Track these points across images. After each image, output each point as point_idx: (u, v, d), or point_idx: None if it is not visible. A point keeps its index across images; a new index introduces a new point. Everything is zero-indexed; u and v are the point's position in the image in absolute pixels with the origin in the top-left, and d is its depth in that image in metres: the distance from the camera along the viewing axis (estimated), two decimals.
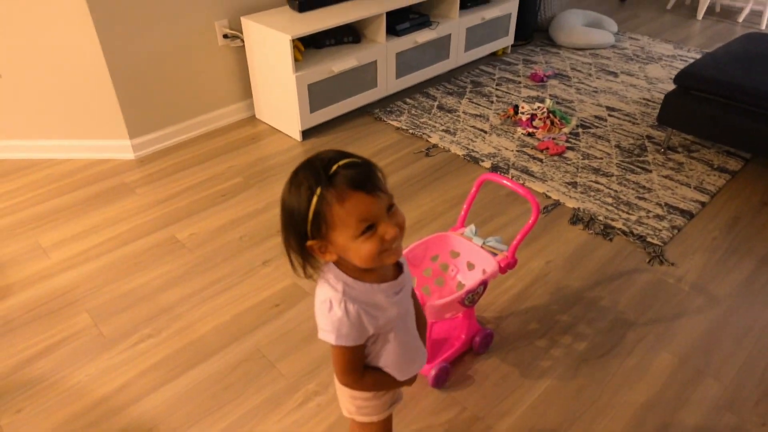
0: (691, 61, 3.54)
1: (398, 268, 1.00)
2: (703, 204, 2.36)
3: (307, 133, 2.91)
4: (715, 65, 2.58)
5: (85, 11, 2.35)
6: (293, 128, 2.88)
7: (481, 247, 1.64)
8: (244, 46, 2.90)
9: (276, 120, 2.98)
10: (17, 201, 2.44)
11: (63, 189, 2.51)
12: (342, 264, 0.92)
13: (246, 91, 3.06)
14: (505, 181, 1.60)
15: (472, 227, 1.69)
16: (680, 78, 2.58)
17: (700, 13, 4.45)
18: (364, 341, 0.95)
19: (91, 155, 2.74)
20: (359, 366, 1.00)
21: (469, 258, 1.68)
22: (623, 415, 1.56)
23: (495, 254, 1.62)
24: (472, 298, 1.54)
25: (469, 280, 1.68)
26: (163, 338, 1.78)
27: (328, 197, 0.81)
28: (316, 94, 2.81)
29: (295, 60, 2.70)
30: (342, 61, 2.84)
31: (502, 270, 1.60)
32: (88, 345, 1.77)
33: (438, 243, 1.69)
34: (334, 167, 0.82)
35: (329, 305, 0.90)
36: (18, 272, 2.05)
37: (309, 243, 0.87)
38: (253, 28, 2.76)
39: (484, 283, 1.55)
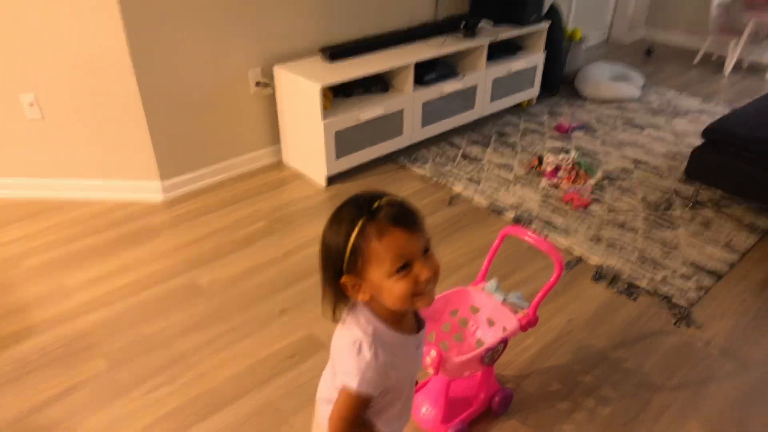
0: (719, 116, 3.50)
1: (418, 323, 0.99)
2: (732, 264, 2.29)
3: (332, 179, 2.95)
4: (745, 121, 2.55)
5: (125, 52, 2.44)
6: (319, 174, 2.91)
7: (502, 303, 1.61)
8: (274, 93, 2.98)
9: (302, 165, 3.03)
10: (45, 241, 2.50)
11: (91, 230, 2.57)
12: (373, 308, 0.92)
13: (274, 137, 3.13)
14: (527, 237, 1.59)
15: (494, 282, 1.67)
16: (709, 132, 2.56)
17: (727, 69, 4.43)
18: (384, 391, 0.94)
19: (121, 195, 2.81)
20: (360, 420, 0.96)
21: (489, 314, 1.65)
22: None
23: (516, 311, 1.59)
24: (492, 356, 1.50)
25: (489, 337, 1.64)
26: (177, 387, 1.77)
27: (368, 230, 0.83)
28: (343, 141, 2.86)
29: (324, 108, 2.76)
30: (369, 110, 2.89)
31: (523, 328, 1.56)
32: (102, 391, 1.76)
33: (458, 297, 1.67)
34: (378, 203, 0.85)
35: (359, 347, 0.89)
36: (41, 313, 2.08)
37: (344, 279, 0.87)
38: (284, 77, 2.84)
39: (504, 341, 1.51)
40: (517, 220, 2.60)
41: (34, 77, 2.55)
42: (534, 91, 3.80)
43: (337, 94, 3.01)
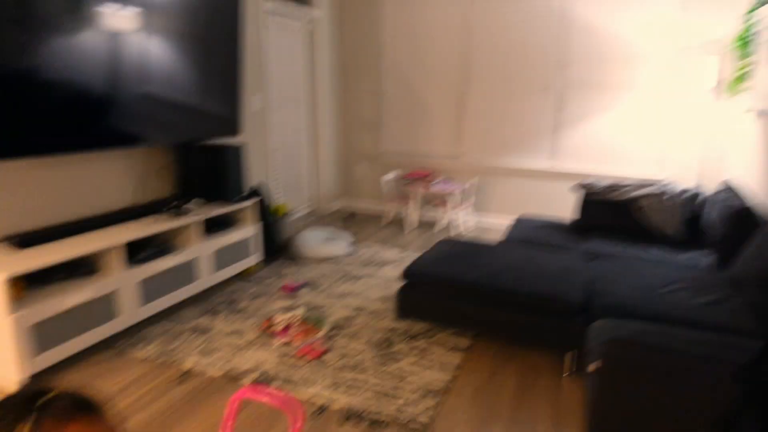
0: None
1: None
2: (448, 381, 2.60)
3: (38, 377, 2.47)
4: (429, 263, 3.08)
5: None
6: (10, 378, 2.42)
7: None
8: None
9: None
10: None
11: None
12: None
13: None
14: (261, 397, 1.56)
15: None
16: (405, 275, 3.00)
17: (407, 227, 5.38)
18: None
19: None
20: None
21: None
22: None
23: None
24: None
25: None
26: None
27: (45, 426, 0.71)
28: (45, 333, 2.48)
29: (16, 299, 2.39)
30: (76, 295, 2.61)
31: None
32: None
33: None
34: (43, 398, 0.74)
35: None
36: None
37: None
38: None
39: None
40: (257, 383, 2.54)
41: None
42: (256, 258, 3.97)
43: (32, 283, 2.65)
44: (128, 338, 2.92)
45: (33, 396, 0.75)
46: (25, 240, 2.64)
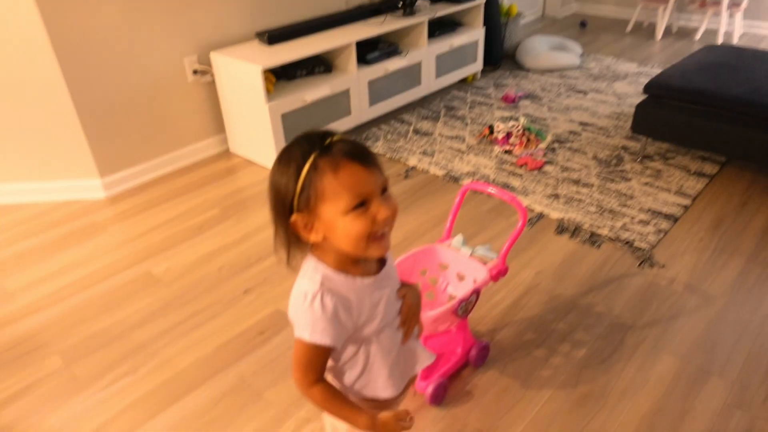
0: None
1: (381, 263, 0.92)
2: (685, 207, 2.36)
3: None
4: (682, 74, 2.64)
5: (46, 42, 2.29)
6: (268, 159, 2.83)
7: (470, 256, 1.59)
8: (214, 81, 2.88)
9: (251, 152, 2.94)
10: None
11: (30, 231, 2.40)
12: (325, 253, 0.86)
13: (218, 126, 3.02)
14: (489, 190, 1.57)
15: (460, 237, 1.65)
16: (650, 87, 2.63)
17: (659, 35, 4.61)
18: (339, 343, 0.87)
19: (58, 196, 2.64)
20: (320, 370, 0.88)
21: (458, 269, 1.63)
22: (630, 422, 1.49)
23: (485, 263, 1.57)
24: (465, 307, 1.48)
25: (460, 291, 1.62)
26: (140, 375, 1.66)
27: (321, 165, 0.77)
28: (290, 124, 2.78)
29: (267, 92, 2.68)
30: (314, 91, 2.83)
31: (494, 278, 1.54)
32: (60, 388, 1.64)
33: (426, 256, 1.64)
34: (330, 139, 0.80)
35: (305, 298, 0.83)
36: None
37: (294, 217, 0.81)
38: (222, 62, 2.74)
39: (476, 292, 1.49)
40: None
41: None
42: (477, 66, 3.83)
43: (279, 78, 2.93)
44: (360, 135, 3.15)
45: (322, 135, 0.80)
46: (274, 36, 2.85)
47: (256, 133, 2.80)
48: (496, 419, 1.51)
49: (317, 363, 0.87)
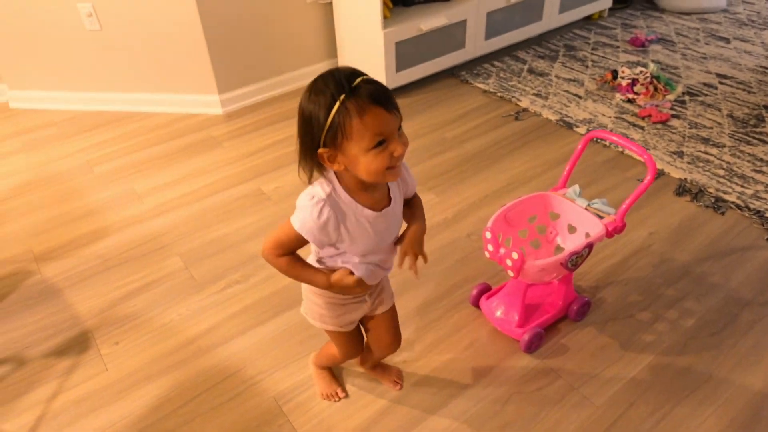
0: None
1: (388, 201, 1.03)
2: None
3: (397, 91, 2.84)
4: None
5: None
6: None
7: (585, 209, 1.52)
8: (331, 3, 2.85)
9: None
10: (112, 150, 2.52)
11: (154, 140, 2.58)
12: (343, 178, 0.97)
13: (332, 51, 3.02)
14: (616, 138, 1.48)
15: (576, 188, 1.58)
16: None
17: None
18: (319, 246, 1.02)
19: (180, 109, 2.79)
20: (290, 250, 1.02)
21: (570, 220, 1.57)
22: (737, 400, 1.42)
23: (600, 217, 1.50)
24: (575, 261, 1.43)
25: (569, 243, 1.57)
26: (251, 284, 1.79)
27: (349, 107, 0.85)
28: (403, 53, 2.73)
29: (384, 17, 2.62)
30: (431, 19, 2.73)
31: (609, 234, 1.48)
32: (180, 287, 1.80)
33: (537, 203, 1.59)
34: (357, 80, 0.86)
35: (311, 198, 0.95)
36: (114, 215, 2.13)
37: (321, 150, 0.90)
38: None
39: (589, 246, 1.44)
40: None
41: None
42: (606, 2, 3.52)
43: (396, 3, 2.85)
44: (471, 70, 3.05)
45: (350, 76, 0.86)
46: None
47: (368, 61, 2.78)
48: (591, 376, 1.49)
49: (292, 246, 1.01)
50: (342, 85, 0.85)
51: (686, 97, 2.70)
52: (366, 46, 2.74)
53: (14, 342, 1.65)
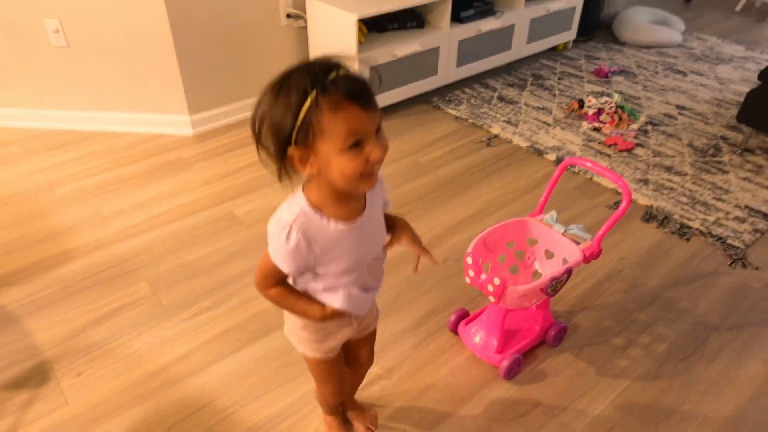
0: (766, 63, 3.37)
1: (363, 206, 0.95)
2: None
3: None
4: None
5: None
6: None
7: (563, 234, 1.55)
8: (306, 26, 2.86)
9: None
10: (78, 170, 2.44)
11: (123, 161, 2.50)
12: (313, 186, 0.89)
13: None
14: (591, 165, 1.51)
15: (553, 213, 1.60)
16: (766, 74, 2.43)
17: None
18: (296, 272, 0.95)
19: (149, 129, 2.73)
20: (278, 280, 0.97)
21: (547, 246, 1.59)
22: (710, 425, 1.44)
23: (577, 243, 1.52)
24: (555, 286, 1.45)
25: (547, 269, 1.59)
26: (223, 311, 1.73)
27: (322, 103, 0.77)
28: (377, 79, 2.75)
29: (359, 42, 2.64)
30: (405, 46, 2.77)
31: (586, 260, 1.50)
32: (148, 313, 1.73)
33: (515, 228, 1.60)
34: (333, 74, 0.78)
35: (278, 224, 0.89)
36: (78, 238, 2.04)
37: (291, 151, 0.82)
38: (318, 8, 2.71)
39: (568, 272, 1.45)
40: (558, 161, 2.52)
41: (58, 1, 2.44)
42: (571, 34, 3.65)
43: (370, 30, 2.88)
44: (443, 96, 3.09)
45: (326, 68, 0.78)
46: None
47: None
48: (569, 402, 1.49)
49: (276, 276, 0.95)
50: (315, 77, 0.77)
51: (649, 127, 2.80)
52: None
53: None
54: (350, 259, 0.96)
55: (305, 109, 0.77)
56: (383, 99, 2.84)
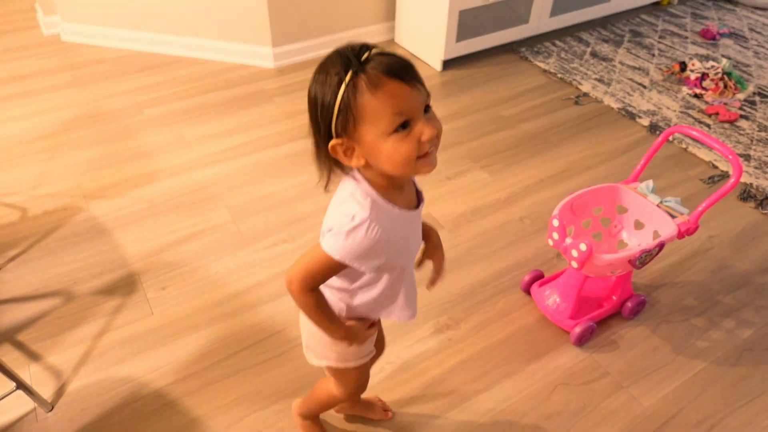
0: None
1: (418, 198, 0.88)
2: None
3: (447, 64, 2.76)
4: None
5: None
6: (434, 56, 2.73)
7: (657, 206, 1.46)
8: None
9: (416, 46, 2.84)
10: (163, 93, 2.50)
11: (205, 88, 2.54)
12: (371, 176, 0.79)
13: (389, 13, 2.93)
14: (699, 135, 1.40)
15: (650, 183, 1.51)
16: None
17: None
18: (370, 270, 0.85)
19: (232, 58, 2.75)
20: (321, 283, 0.85)
21: (638, 216, 1.51)
22: None
23: (673, 216, 1.44)
24: (644, 259, 1.38)
25: (635, 239, 1.52)
26: (298, 245, 1.77)
27: (358, 84, 0.69)
28: (465, 23, 2.63)
29: None
30: None
31: (680, 235, 1.42)
32: (227, 239, 1.79)
33: (606, 194, 1.53)
34: (367, 54, 0.71)
35: (351, 219, 0.76)
36: (163, 161, 2.11)
37: (333, 142, 0.74)
38: None
39: (660, 246, 1.38)
40: (652, 128, 2.37)
41: None
42: None
43: None
44: (531, 47, 2.94)
45: (359, 49, 0.72)
46: None
47: (427, 27, 2.69)
48: (640, 376, 1.45)
49: (325, 277, 0.84)
50: (349, 60, 0.70)
51: (756, 98, 2.57)
52: (427, 11, 2.65)
53: (63, 276, 1.65)
54: (411, 251, 0.90)
55: (342, 92, 0.70)
56: (468, 46, 2.73)
